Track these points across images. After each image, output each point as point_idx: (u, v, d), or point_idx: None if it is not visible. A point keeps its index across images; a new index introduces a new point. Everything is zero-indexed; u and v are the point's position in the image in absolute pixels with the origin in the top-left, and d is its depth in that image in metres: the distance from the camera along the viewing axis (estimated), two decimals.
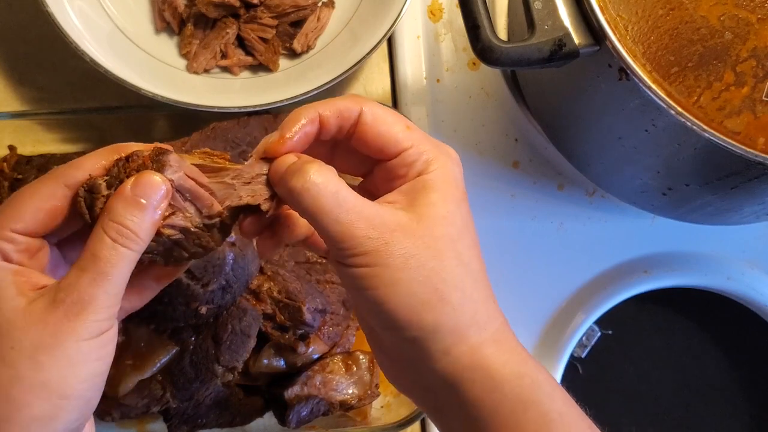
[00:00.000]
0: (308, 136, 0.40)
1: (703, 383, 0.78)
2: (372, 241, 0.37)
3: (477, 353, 0.38)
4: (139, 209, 0.36)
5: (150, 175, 0.37)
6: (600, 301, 0.73)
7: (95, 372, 0.36)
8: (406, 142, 0.40)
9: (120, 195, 0.37)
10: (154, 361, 0.57)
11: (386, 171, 0.41)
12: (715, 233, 0.75)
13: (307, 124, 0.39)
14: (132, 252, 0.36)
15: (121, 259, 0.36)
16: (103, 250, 0.36)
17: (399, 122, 0.40)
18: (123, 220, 0.36)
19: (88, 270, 0.36)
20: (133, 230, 0.36)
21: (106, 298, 0.36)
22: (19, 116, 0.66)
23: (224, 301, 0.56)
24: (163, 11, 0.69)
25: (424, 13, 0.77)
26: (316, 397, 0.61)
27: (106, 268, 0.36)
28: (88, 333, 0.35)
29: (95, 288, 0.35)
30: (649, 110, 0.53)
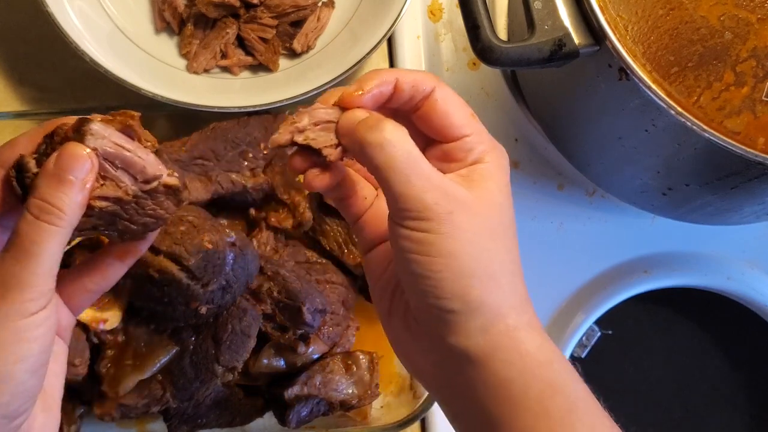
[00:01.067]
0: (383, 95, 0.40)
1: (703, 383, 0.78)
2: (439, 207, 0.37)
3: (514, 335, 0.38)
4: (61, 183, 0.36)
5: (72, 147, 0.36)
6: (600, 301, 0.73)
7: (27, 353, 0.35)
8: (468, 128, 0.40)
9: (43, 171, 0.36)
10: (154, 361, 0.57)
11: (443, 152, 0.41)
12: (715, 233, 0.75)
13: (385, 83, 0.40)
14: (58, 228, 0.35)
15: (46, 236, 0.35)
16: (26, 228, 0.35)
17: (466, 108, 0.41)
18: (45, 195, 0.35)
19: (12, 250, 0.35)
20: (56, 205, 0.35)
21: (34, 278, 0.35)
22: (19, 116, 0.66)
23: (224, 301, 0.56)
24: (163, 11, 0.69)
25: (424, 13, 0.77)
26: (316, 397, 0.61)
27: (30, 246, 0.35)
28: (18, 313, 0.35)
29: (20, 268, 0.35)
30: (649, 110, 0.53)
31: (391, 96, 0.41)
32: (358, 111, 0.40)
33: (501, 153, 0.41)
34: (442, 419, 0.68)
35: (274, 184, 0.64)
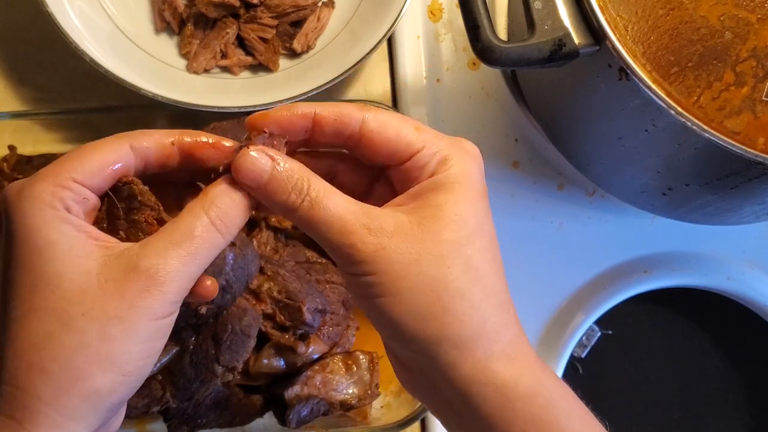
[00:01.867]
0: (295, 126, 0.38)
1: (703, 383, 0.78)
2: (367, 245, 0.35)
3: (486, 368, 0.36)
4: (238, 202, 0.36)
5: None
6: (600, 301, 0.73)
7: (155, 351, 0.35)
8: (417, 144, 0.38)
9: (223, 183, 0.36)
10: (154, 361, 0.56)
11: (401, 175, 0.39)
12: (715, 233, 0.75)
13: (299, 116, 0.37)
14: (223, 240, 0.35)
15: (214, 245, 0.35)
16: (201, 230, 0.34)
17: (407, 124, 0.38)
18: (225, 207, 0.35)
19: (181, 245, 0.34)
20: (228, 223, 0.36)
21: (188, 280, 0.34)
22: (19, 116, 0.66)
23: (224, 301, 0.56)
24: (163, 11, 0.69)
25: (424, 13, 0.77)
26: (316, 397, 0.61)
27: (199, 249, 0.34)
28: (162, 312, 0.34)
29: (182, 266, 0.34)
30: (649, 110, 0.52)
31: (312, 132, 0.38)
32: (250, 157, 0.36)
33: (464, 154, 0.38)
34: None
35: None
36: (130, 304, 0.33)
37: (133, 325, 0.33)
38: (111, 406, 0.34)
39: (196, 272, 0.35)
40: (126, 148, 0.37)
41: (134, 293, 0.33)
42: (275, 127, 0.37)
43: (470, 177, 0.38)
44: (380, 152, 0.38)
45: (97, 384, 0.33)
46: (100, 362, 0.33)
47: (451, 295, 0.35)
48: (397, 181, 0.40)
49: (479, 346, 0.36)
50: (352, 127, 0.38)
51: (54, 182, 0.35)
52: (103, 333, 0.33)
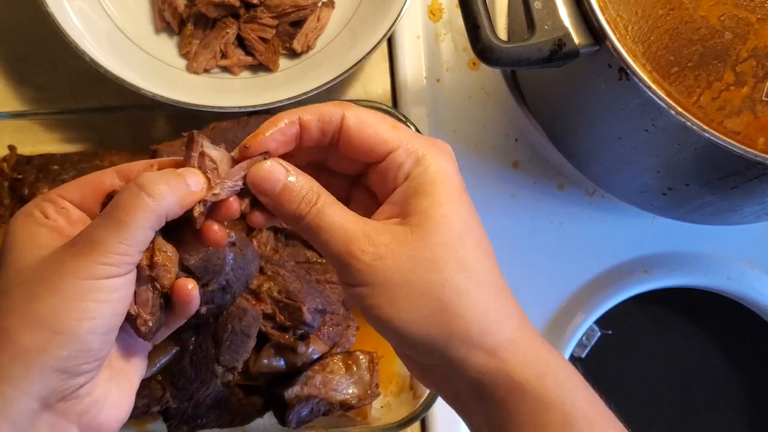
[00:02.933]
0: (286, 135, 0.39)
1: (703, 383, 0.78)
2: (366, 255, 0.36)
3: (494, 357, 0.37)
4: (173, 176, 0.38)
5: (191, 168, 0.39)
6: (600, 301, 0.73)
7: (93, 313, 0.36)
8: (393, 142, 0.39)
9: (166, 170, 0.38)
10: (154, 361, 0.57)
11: (378, 174, 0.40)
12: (715, 233, 0.75)
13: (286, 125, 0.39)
14: (154, 206, 0.36)
15: (141, 209, 0.36)
16: (124, 197, 0.36)
17: (383, 123, 0.40)
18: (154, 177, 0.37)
19: (107, 216, 0.36)
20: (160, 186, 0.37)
21: (116, 245, 0.36)
22: (19, 116, 0.66)
23: (224, 301, 0.56)
24: (163, 11, 0.69)
25: (424, 13, 0.77)
26: (316, 397, 0.61)
27: (122, 215, 0.36)
28: (88, 273, 0.35)
29: (106, 232, 0.36)
30: (649, 110, 0.52)
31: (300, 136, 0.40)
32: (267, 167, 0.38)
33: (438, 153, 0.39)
34: (442, 419, 0.68)
35: None
36: (57, 268, 0.36)
37: (58, 284, 0.35)
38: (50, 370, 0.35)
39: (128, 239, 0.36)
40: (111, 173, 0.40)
41: (62, 258, 0.36)
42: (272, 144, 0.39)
43: (448, 176, 0.39)
44: (359, 149, 0.40)
45: (24, 341, 0.35)
46: (25, 319, 0.35)
47: (450, 295, 0.37)
48: (375, 183, 0.41)
49: (485, 338, 0.37)
50: (334, 125, 0.39)
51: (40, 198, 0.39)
52: (30, 294, 0.35)
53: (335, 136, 0.40)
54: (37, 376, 0.35)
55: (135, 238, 0.36)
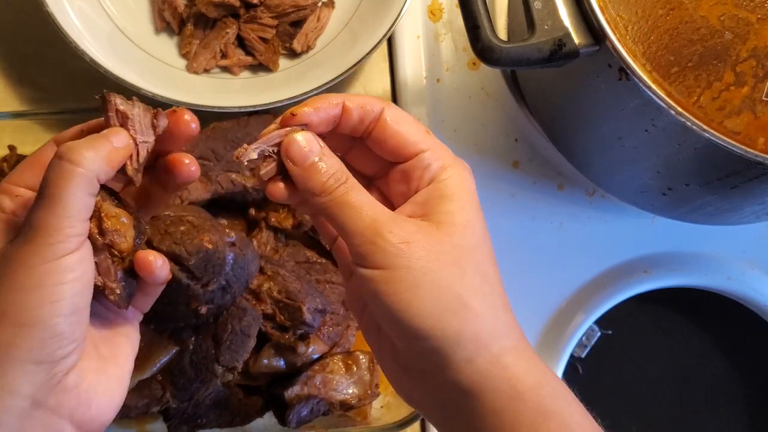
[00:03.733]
0: (329, 115, 0.40)
1: (703, 383, 0.78)
2: (394, 237, 0.37)
3: (499, 362, 0.37)
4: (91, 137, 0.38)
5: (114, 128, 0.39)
6: (600, 301, 0.73)
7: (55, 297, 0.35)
8: (423, 144, 0.40)
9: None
10: (154, 361, 0.57)
11: (401, 173, 0.41)
12: (715, 233, 0.75)
13: (330, 104, 0.40)
14: (81, 170, 0.36)
15: (69, 178, 0.36)
16: (50, 173, 0.36)
17: (418, 126, 0.41)
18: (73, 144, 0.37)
19: (39, 196, 0.36)
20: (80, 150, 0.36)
21: (56, 221, 0.35)
22: (19, 116, 0.66)
23: (224, 301, 0.56)
24: (163, 11, 0.69)
25: (424, 13, 0.77)
26: (316, 397, 0.61)
27: (54, 190, 0.35)
28: (39, 258, 0.35)
29: (43, 212, 0.35)
30: (649, 110, 0.52)
31: (340, 119, 0.40)
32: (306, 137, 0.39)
33: (462, 167, 0.40)
34: None
35: None
36: (8, 261, 0.35)
37: (12, 277, 0.35)
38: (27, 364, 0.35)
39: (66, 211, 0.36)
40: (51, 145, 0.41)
41: (11, 252, 0.36)
42: (315, 118, 0.39)
43: (470, 189, 0.40)
44: (389, 144, 0.40)
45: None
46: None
47: (468, 293, 0.37)
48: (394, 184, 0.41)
49: (494, 341, 0.37)
50: (374, 115, 0.40)
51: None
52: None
53: (370, 127, 0.40)
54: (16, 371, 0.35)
55: (72, 209, 0.36)
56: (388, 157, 0.41)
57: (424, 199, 0.39)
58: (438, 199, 0.39)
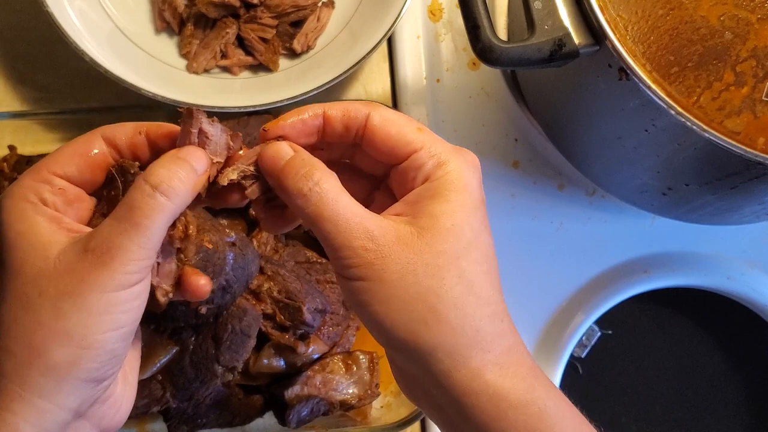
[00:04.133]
0: (308, 126, 0.39)
1: (703, 383, 0.78)
2: (369, 252, 0.36)
3: (479, 378, 0.36)
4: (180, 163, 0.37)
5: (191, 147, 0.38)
6: (600, 301, 0.73)
7: (119, 324, 0.36)
8: (416, 143, 0.39)
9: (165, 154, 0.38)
10: (154, 361, 0.57)
11: (398, 175, 0.40)
12: (715, 233, 0.75)
13: (310, 116, 0.39)
14: (171, 205, 0.36)
15: (159, 210, 0.36)
16: (140, 199, 0.36)
17: (409, 124, 0.39)
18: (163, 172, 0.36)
19: (122, 220, 0.35)
20: (173, 183, 0.36)
21: (138, 251, 0.35)
22: (19, 116, 0.66)
23: (224, 301, 0.56)
24: (163, 11, 0.69)
25: (424, 13, 0.77)
26: (316, 397, 0.61)
27: (140, 219, 0.35)
28: (113, 285, 0.35)
29: (126, 239, 0.35)
30: (649, 110, 0.53)
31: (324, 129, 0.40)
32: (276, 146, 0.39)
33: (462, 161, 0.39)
34: None
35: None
36: (79, 280, 0.35)
37: (84, 299, 0.35)
38: (81, 382, 0.35)
39: (148, 242, 0.36)
40: (98, 140, 0.39)
41: (82, 269, 0.35)
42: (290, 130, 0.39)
43: (467, 185, 0.38)
44: (381, 148, 0.39)
45: (54, 358, 0.34)
46: (55, 337, 0.35)
47: (444, 304, 0.36)
48: (395, 184, 0.41)
49: (472, 355, 0.36)
50: (359, 121, 0.39)
51: (32, 178, 0.38)
52: (55, 310, 0.35)
53: (359, 134, 0.40)
54: (70, 389, 0.35)
55: (155, 241, 0.36)
56: (385, 161, 0.40)
57: (415, 198, 0.38)
58: (428, 199, 0.38)
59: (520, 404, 0.36)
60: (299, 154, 0.38)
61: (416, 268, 0.36)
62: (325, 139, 0.40)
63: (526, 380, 0.37)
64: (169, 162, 0.37)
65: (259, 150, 0.39)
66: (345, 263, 0.36)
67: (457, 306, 0.36)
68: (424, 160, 0.38)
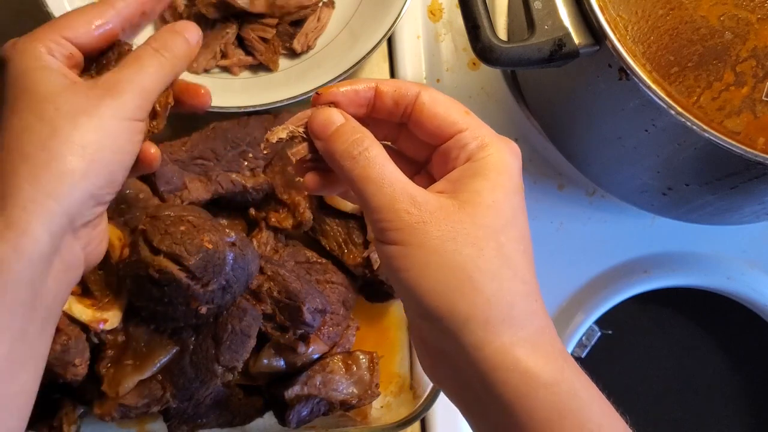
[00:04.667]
0: (359, 96, 0.40)
1: (703, 383, 0.78)
2: (411, 216, 0.36)
3: (510, 353, 0.36)
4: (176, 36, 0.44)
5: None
6: (600, 301, 0.73)
7: (126, 149, 0.40)
8: (462, 124, 0.40)
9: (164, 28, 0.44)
10: (154, 361, 0.57)
11: (442, 155, 0.40)
12: (715, 233, 0.75)
13: (363, 88, 0.40)
14: (167, 62, 0.42)
15: (159, 63, 0.42)
16: (145, 53, 0.42)
17: (456, 106, 0.40)
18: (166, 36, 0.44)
19: (129, 66, 0.41)
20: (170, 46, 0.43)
21: (141, 91, 0.41)
22: None
23: (224, 301, 0.56)
24: (163, 11, 0.69)
25: (424, 13, 0.77)
26: (317, 397, 0.61)
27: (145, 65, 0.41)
28: (125, 113, 0.40)
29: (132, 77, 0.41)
30: (649, 110, 0.53)
31: (374, 103, 0.41)
32: (329, 111, 0.40)
33: (504, 145, 0.40)
34: (442, 419, 0.68)
35: (274, 184, 0.64)
36: (95, 103, 0.39)
37: (100, 120, 0.39)
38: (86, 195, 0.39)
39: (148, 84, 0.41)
40: (111, 11, 0.43)
41: (96, 95, 0.40)
42: (342, 98, 0.40)
43: (508, 168, 0.39)
44: (428, 126, 0.40)
45: (69, 165, 0.38)
46: (71, 145, 0.38)
47: (482, 275, 0.36)
48: (436, 168, 0.41)
49: (505, 330, 0.36)
50: (409, 98, 0.40)
51: (45, 38, 0.41)
52: (73, 122, 0.38)
53: (407, 111, 0.40)
54: (78, 195, 0.38)
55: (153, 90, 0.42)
56: (429, 140, 0.41)
57: (458, 176, 0.39)
58: (470, 177, 0.38)
59: (551, 383, 0.36)
60: (350, 121, 0.39)
61: (456, 236, 0.36)
62: (373, 113, 0.41)
63: (557, 361, 0.37)
64: (168, 32, 0.44)
65: (311, 113, 0.40)
66: (386, 225, 0.37)
67: (494, 278, 0.36)
68: (467, 141, 0.39)
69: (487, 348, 0.36)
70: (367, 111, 0.41)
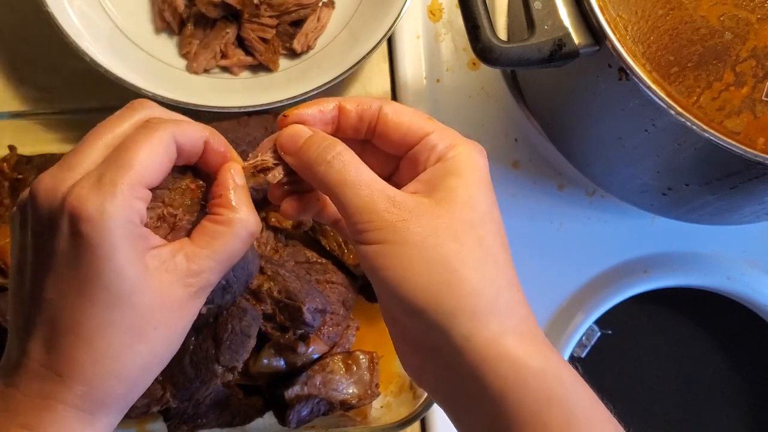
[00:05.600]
0: (324, 116, 0.41)
1: (703, 383, 0.78)
2: (391, 215, 0.37)
3: (499, 343, 0.36)
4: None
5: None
6: (600, 301, 0.73)
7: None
8: (428, 128, 0.40)
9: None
10: None
11: (410, 160, 0.41)
12: (715, 233, 0.75)
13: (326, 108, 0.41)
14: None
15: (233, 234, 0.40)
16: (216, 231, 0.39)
17: (419, 114, 0.41)
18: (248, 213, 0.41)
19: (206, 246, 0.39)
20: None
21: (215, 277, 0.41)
22: (19, 116, 0.66)
23: (224, 301, 0.56)
24: (163, 11, 0.69)
25: (424, 13, 0.77)
26: (317, 397, 0.61)
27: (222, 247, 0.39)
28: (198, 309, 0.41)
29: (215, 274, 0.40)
30: (649, 110, 0.53)
31: (339, 120, 0.41)
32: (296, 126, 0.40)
33: (471, 146, 0.40)
34: (442, 419, 0.68)
35: None
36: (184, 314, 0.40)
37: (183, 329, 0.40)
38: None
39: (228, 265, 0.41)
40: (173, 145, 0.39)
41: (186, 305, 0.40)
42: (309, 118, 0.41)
43: (478, 165, 0.40)
44: (393, 136, 0.41)
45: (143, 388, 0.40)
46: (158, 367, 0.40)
47: (466, 267, 0.36)
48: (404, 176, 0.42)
49: (493, 320, 0.36)
50: (372, 111, 0.41)
51: (132, 195, 0.37)
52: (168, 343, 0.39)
53: (372, 125, 0.41)
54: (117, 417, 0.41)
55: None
56: (396, 151, 0.41)
57: (429, 177, 0.39)
58: (442, 176, 0.39)
59: (540, 371, 0.36)
60: (318, 132, 0.40)
61: (437, 231, 0.37)
62: (338, 132, 0.41)
63: (543, 350, 0.37)
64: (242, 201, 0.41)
65: (276, 136, 0.41)
66: (366, 227, 0.37)
67: (478, 270, 0.37)
68: (435, 142, 0.40)
69: (476, 338, 0.36)
70: (333, 129, 0.42)
